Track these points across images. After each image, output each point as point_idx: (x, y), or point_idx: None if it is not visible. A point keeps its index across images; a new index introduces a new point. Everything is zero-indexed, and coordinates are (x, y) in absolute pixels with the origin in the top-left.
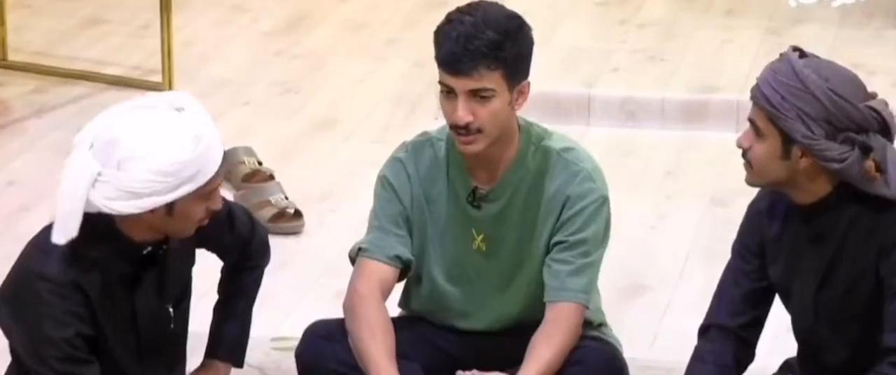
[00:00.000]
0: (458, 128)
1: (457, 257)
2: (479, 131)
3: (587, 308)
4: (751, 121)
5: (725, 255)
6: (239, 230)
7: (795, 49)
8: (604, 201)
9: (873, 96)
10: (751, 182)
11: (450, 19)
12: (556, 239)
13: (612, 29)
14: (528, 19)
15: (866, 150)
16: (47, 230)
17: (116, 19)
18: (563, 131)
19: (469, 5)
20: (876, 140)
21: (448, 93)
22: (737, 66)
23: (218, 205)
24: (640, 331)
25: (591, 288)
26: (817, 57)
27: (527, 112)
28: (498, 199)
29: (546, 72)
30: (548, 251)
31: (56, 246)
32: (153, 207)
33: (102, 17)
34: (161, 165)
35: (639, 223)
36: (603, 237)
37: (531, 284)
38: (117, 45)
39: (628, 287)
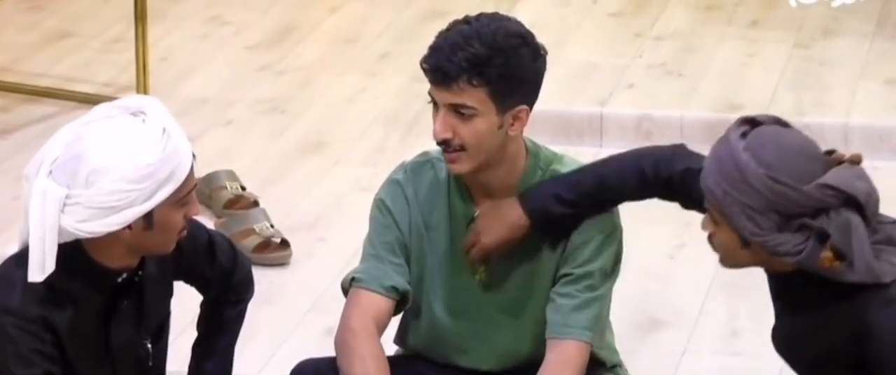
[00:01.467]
0: (438, 143)
1: (457, 288)
2: (461, 149)
3: (591, 345)
4: (706, 209)
5: (750, 289)
6: (221, 260)
7: (745, 121)
8: (614, 231)
9: (835, 162)
10: (724, 265)
11: (450, 26)
12: (562, 271)
13: (626, 42)
14: (536, 32)
15: (823, 238)
16: (11, 260)
17: (85, 32)
18: (573, 153)
19: (478, 15)
20: (838, 218)
21: (433, 104)
22: (762, 83)
23: (197, 210)
24: (657, 372)
25: (596, 325)
26: (770, 126)
27: (534, 133)
28: None
29: (555, 88)
30: (553, 284)
31: (22, 278)
32: (132, 220)
33: (70, 30)
34: (134, 171)
35: (656, 253)
36: (612, 269)
37: (539, 320)
38: (86, 60)
39: (644, 323)
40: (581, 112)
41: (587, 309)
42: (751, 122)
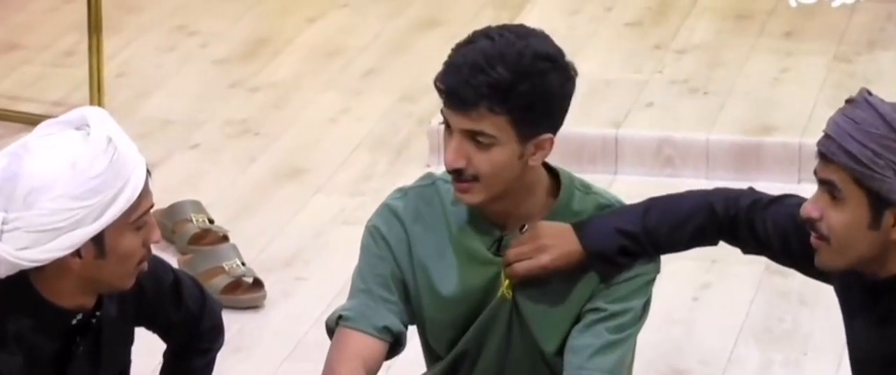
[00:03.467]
0: (449, 172)
1: (480, 320)
2: (475, 179)
3: None
4: (824, 182)
5: (784, 335)
6: (187, 304)
7: (854, 98)
8: (657, 272)
9: None
10: (828, 262)
11: (470, 39)
12: (591, 305)
13: (644, 55)
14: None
15: None
16: None
17: (33, 44)
18: (586, 179)
19: (502, 28)
20: None
21: (446, 126)
22: (798, 101)
23: (157, 237)
24: None
25: (619, 371)
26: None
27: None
28: None
29: None
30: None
31: None
32: (80, 244)
33: (16, 42)
34: (77, 185)
35: (679, 294)
36: (642, 312)
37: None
38: (34, 75)
39: (667, 373)
40: (593, 134)
41: (611, 353)
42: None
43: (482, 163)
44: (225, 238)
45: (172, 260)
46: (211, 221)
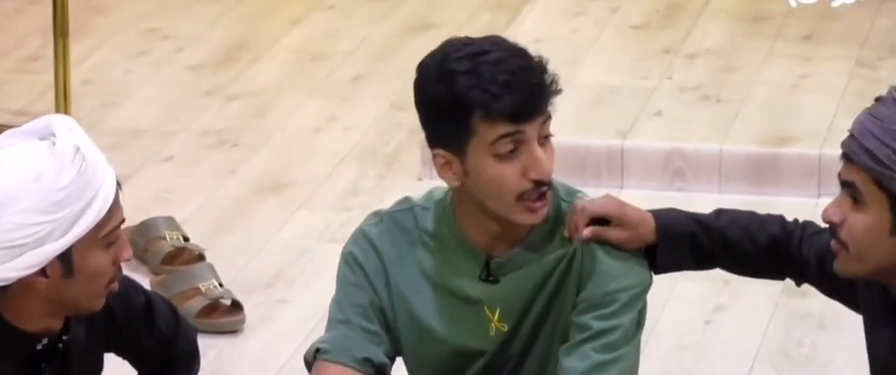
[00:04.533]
0: (539, 185)
1: (469, 352)
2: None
3: None
4: (846, 184)
5: (804, 360)
6: (160, 328)
7: (881, 97)
8: (648, 285)
9: None
10: (846, 270)
11: (474, 53)
12: (576, 315)
13: (653, 59)
14: (544, 48)
15: None
16: None
17: None
18: (588, 194)
19: (484, 38)
20: None
21: (512, 151)
22: (818, 110)
23: (128, 255)
24: None
25: None
26: None
27: None
28: (524, 265)
29: (565, 118)
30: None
31: None
32: (46, 261)
33: None
34: (42, 198)
35: (690, 317)
36: (635, 331)
37: None
38: None
39: None
40: (597, 145)
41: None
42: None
43: (553, 160)
44: (201, 257)
45: (144, 281)
46: (186, 239)
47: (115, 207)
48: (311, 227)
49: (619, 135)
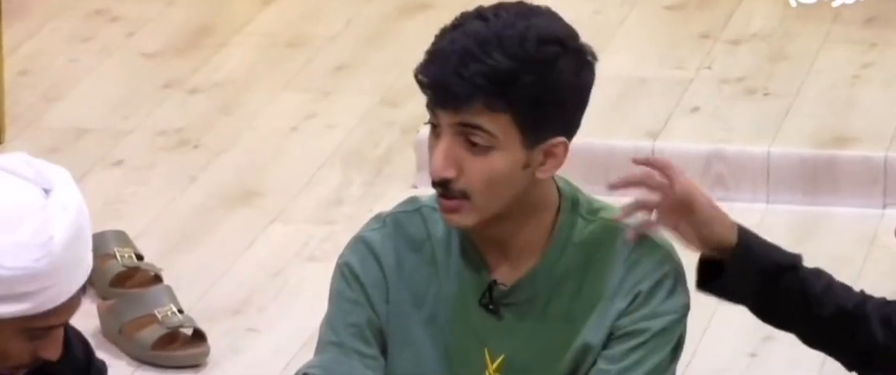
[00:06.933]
0: (435, 184)
1: None
2: (464, 196)
3: None
4: None
5: None
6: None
7: None
8: (684, 315)
9: None
10: None
11: (458, 22)
12: (602, 360)
13: (689, 46)
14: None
15: None
16: None
17: None
18: (615, 204)
19: (498, 5)
20: None
21: (432, 127)
22: (881, 105)
23: (55, 354)
24: None
25: None
26: None
27: (561, 174)
28: (527, 301)
29: (588, 114)
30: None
31: None
32: None
33: None
34: None
35: (735, 349)
36: (668, 364)
37: None
38: None
39: None
40: (624, 147)
41: None
42: None
43: (477, 173)
44: (157, 278)
45: (91, 307)
46: (139, 257)
47: (63, 309)
48: (287, 244)
49: (649, 136)
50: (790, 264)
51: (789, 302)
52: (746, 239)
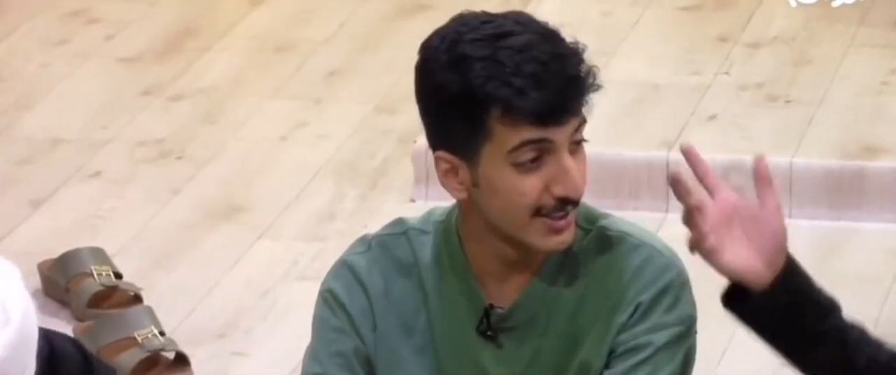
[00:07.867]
0: (566, 203)
1: None
2: (575, 207)
3: None
4: None
5: None
6: None
7: None
8: (691, 327)
9: None
10: None
11: (494, 36)
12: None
13: (706, 50)
14: (569, 35)
15: None
16: None
17: None
18: (626, 219)
19: (501, 15)
20: None
21: (535, 160)
22: None
23: None
24: None
25: None
26: None
27: None
28: (527, 322)
29: (598, 122)
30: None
31: None
32: None
33: None
34: None
35: (757, 370)
36: None
37: None
38: None
39: None
40: (637, 158)
41: None
42: None
43: (585, 176)
44: (137, 298)
45: (67, 329)
46: (118, 276)
47: None
48: (275, 262)
49: (663, 146)
50: (833, 305)
51: (827, 347)
52: (792, 267)
